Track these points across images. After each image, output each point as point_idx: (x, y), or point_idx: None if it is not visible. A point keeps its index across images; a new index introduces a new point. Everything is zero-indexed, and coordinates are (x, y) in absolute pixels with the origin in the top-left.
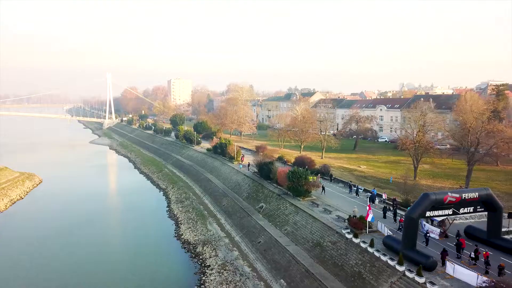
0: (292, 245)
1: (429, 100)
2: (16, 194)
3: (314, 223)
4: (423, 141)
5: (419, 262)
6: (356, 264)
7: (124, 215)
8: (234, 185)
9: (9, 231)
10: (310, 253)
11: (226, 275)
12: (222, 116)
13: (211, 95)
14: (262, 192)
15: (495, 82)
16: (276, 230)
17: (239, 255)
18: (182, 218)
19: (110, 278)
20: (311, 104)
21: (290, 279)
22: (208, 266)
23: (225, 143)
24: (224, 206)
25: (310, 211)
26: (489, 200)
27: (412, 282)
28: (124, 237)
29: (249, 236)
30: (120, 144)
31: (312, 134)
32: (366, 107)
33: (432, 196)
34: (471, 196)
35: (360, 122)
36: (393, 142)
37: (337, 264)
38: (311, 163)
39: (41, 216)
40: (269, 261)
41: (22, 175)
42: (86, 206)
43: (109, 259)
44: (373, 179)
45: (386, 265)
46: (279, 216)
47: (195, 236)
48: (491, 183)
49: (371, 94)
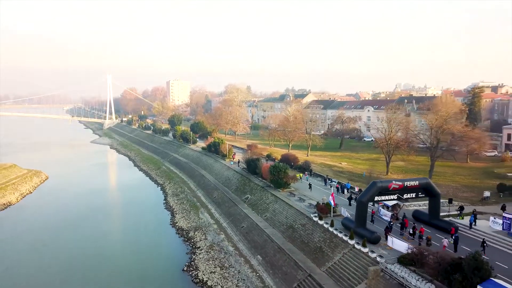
0: (269, 228)
1: (412, 102)
2: (25, 189)
3: (289, 210)
4: (393, 139)
5: (366, 237)
6: (318, 241)
7: (125, 208)
8: (225, 180)
9: (21, 221)
10: (284, 234)
11: (212, 253)
12: (217, 116)
13: (209, 95)
14: (249, 185)
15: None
16: (257, 217)
17: (225, 238)
18: (177, 209)
19: (114, 258)
20: (303, 105)
21: (265, 254)
22: (198, 247)
23: (218, 142)
24: (214, 198)
25: (287, 200)
26: (428, 187)
27: (359, 252)
28: (126, 226)
29: (235, 222)
30: (120, 143)
31: (298, 134)
32: (355, 108)
33: (379, 183)
34: (412, 184)
35: (345, 123)
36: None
37: (304, 241)
38: (295, 160)
39: (49, 208)
40: (249, 241)
41: (30, 172)
42: (90, 200)
43: (112, 244)
44: (348, 174)
45: (341, 240)
46: (261, 205)
47: (188, 223)
48: (455, 177)
49: (365, 94)
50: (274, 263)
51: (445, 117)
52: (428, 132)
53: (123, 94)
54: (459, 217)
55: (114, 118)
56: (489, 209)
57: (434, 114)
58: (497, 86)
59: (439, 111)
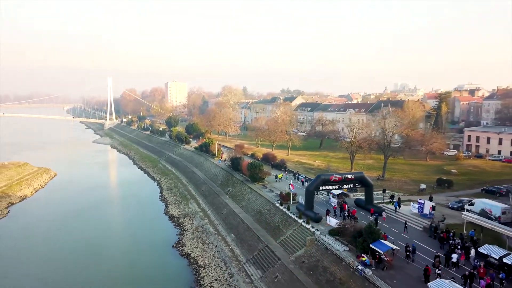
0: (243, 213)
1: (388, 106)
2: (38, 184)
3: (260, 199)
4: (355, 140)
5: (310, 217)
6: (278, 221)
7: (125, 200)
8: (212, 175)
9: (37, 211)
10: (253, 217)
11: (197, 234)
12: (211, 118)
13: (206, 96)
14: (231, 180)
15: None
16: (235, 205)
17: (208, 222)
18: (170, 200)
19: (116, 239)
20: (293, 107)
21: (237, 233)
22: (186, 230)
23: (209, 143)
24: (202, 190)
25: (259, 191)
26: (362, 179)
27: (304, 228)
28: (126, 215)
29: (217, 210)
30: (121, 143)
31: (279, 135)
32: (338, 111)
33: (322, 176)
34: (349, 177)
35: (325, 125)
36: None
37: (267, 222)
38: (274, 158)
39: (59, 200)
40: (226, 224)
41: (40, 169)
42: (94, 194)
43: (114, 229)
44: (317, 170)
45: (293, 220)
46: (239, 195)
47: (179, 212)
48: (410, 173)
49: (357, 96)
50: (243, 238)
51: (400, 122)
52: (394, 134)
53: (122, 94)
54: (390, 203)
55: (114, 119)
56: (421, 199)
57: (386, 119)
58: (474, 89)
59: (398, 116)
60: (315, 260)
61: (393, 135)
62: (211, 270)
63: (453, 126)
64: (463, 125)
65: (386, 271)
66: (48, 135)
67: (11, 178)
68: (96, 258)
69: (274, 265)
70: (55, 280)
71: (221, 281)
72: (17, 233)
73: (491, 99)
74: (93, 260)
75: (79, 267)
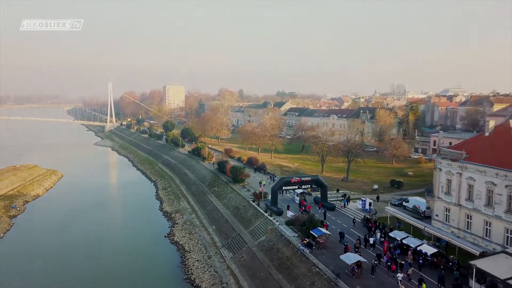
0: (224, 209)
1: (366, 112)
2: (47, 184)
3: (239, 197)
4: (325, 145)
5: (273, 211)
6: (250, 215)
7: (125, 199)
8: (202, 177)
9: (49, 208)
10: (232, 212)
11: (185, 226)
12: (205, 123)
13: (203, 99)
14: (217, 181)
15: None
16: (218, 202)
17: (195, 216)
18: (164, 199)
19: (116, 231)
20: (282, 112)
21: (217, 224)
22: (176, 223)
23: (200, 147)
24: (192, 190)
25: (239, 191)
26: (318, 181)
27: (268, 220)
28: (125, 211)
29: (203, 206)
30: (121, 146)
31: (263, 140)
32: (323, 116)
33: (284, 179)
34: (307, 179)
35: (306, 130)
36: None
37: (242, 216)
38: (256, 162)
39: (67, 199)
40: (210, 218)
41: (48, 171)
42: (98, 193)
43: (115, 223)
44: (293, 172)
45: (261, 214)
46: (222, 194)
47: (171, 208)
48: (372, 174)
49: (348, 99)
50: (221, 229)
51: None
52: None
53: (122, 96)
54: (342, 201)
55: (114, 122)
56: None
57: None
58: (452, 95)
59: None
60: (272, 244)
61: (355, 141)
62: (194, 254)
63: (430, 130)
64: (439, 129)
65: (320, 250)
66: (51, 137)
67: (24, 179)
68: (101, 246)
69: (242, 248)
70: (69, 264)
71: (201, 261)
72: (34, 226)
73: (464, 105)
74: (99, 248)
75: (87, 253)
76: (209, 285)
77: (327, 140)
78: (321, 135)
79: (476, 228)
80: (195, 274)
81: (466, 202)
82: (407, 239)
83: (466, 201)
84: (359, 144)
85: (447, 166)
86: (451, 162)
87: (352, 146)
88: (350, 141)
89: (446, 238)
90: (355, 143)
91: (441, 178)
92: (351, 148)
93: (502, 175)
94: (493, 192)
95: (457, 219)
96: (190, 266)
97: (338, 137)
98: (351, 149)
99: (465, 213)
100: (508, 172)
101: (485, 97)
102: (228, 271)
